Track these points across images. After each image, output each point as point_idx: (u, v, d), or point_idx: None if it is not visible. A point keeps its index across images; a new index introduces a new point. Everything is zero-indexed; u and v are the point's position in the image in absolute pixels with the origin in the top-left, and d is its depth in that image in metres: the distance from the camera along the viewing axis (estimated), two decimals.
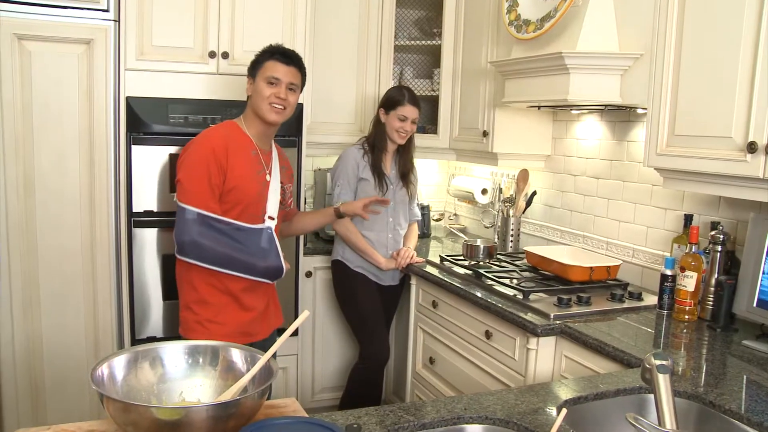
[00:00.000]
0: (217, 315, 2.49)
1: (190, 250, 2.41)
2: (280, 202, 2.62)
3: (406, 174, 3.37)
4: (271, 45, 2.59)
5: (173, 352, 1.46)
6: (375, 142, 3.29)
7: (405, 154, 3.37)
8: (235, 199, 2.44)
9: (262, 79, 2.49)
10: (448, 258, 3.25)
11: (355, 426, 1.40)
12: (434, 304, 3.12)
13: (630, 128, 2.96)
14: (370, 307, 3.33)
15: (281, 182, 2.63)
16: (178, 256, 2.46)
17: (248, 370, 1.40)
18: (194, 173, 2.38)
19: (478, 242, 3.20)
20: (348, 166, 3.28)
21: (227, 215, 2.43)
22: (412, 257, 3.30)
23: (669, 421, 1.19)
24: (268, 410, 1.45)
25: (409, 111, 3.21)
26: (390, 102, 3.24)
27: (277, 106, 2.49)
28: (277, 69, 2.50)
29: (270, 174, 2.56)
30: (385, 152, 3.31)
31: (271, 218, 2.52)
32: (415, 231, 3.55)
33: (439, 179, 4.60)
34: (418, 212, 3.58)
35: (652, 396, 1.73)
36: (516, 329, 2.48)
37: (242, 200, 2.45)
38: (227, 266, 2.44)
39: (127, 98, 3.07)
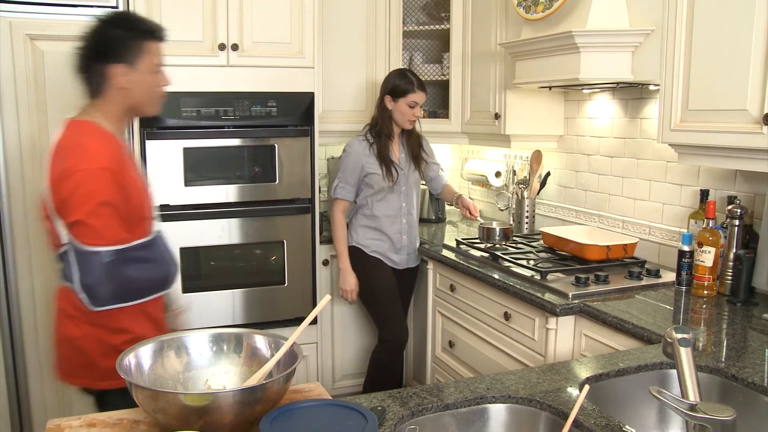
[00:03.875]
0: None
1: (116, 296, 1.89)
2: None
3: (416, 155, 3.36)
4: (117, 15, 2.10)
5: (198, 341, 1.48)
6: (381, 129, 3.26)
7: (411, 134, 3.36)
8: (139, 216, 2.00)
9: (151, 68, 1.99)
10: (464, 241, 3.26)
11: (380, 408, 1.42)
12: (452, 288, 3.13)
13: (642, 105, 2.95)
14: (387, 291, 3.33)
15: None
16: (95, 309, 1.88)
17: (272, 355, 1.42)
18: (97, 208, 1.83)
19: (494, 224, 3.19)
20: (349, 164, 3.25)
21: (134, 237, 1.93)
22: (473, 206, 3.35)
23: (692, 393, 1.20)
24: (293, 395, 1.46)
25: (419, 97, 3.20)
26: (398, 90, 3.20)
27: (164, 96, 2.08)
28: (161, 50, 2.05)
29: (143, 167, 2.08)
30: (392, 138, 3.30)
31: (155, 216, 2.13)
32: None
33: (453, 163, 4.59)
34: (444, 176, 3.58)
35: (673, 371, 1.75)
36: (535, 310, 2.49)
37: (145, 213, 2.03)
38: (153, 291, 2.01)
39: None
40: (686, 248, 2.49)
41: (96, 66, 1.96)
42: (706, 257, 2.39)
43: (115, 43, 1.95)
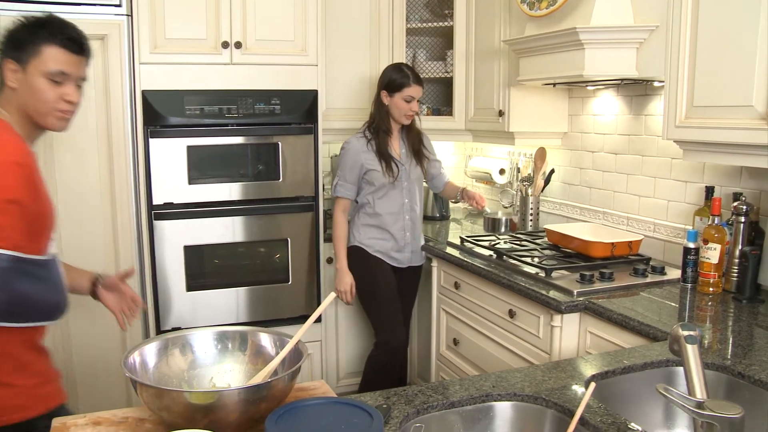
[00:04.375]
0: (41, 375, 1.78)
1: (3, 311, 1.60)
2: None
3: (417, 150, 3.29)
4: (41, 16, 1.82)
5: (202, 339, 1.48)
6: (379, 125, 3.19)
7: (411, 130, 3.29)
8: (43, 226, 1.75)
9: (42, 74, 1.72)
10: (469, 239, 3.25)
11: (385, 406, 1.42)
12: (456, 286, 3.13)
13: (647, 102, 2.94)
14: (387, 292, 3.25)
15: None
16: None
17: (277, 353, 1.41)
18: (3, 204, 1.60)
19: (500, 214, 3.20)
20: (348, 161, 3.19)
21: (33, 249, 1.67)
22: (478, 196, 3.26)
23: (699, 390, 1.19)
24: (299, 393, 1.46)
25: (415, 91, 3.14)
26: (394, 84, 3.13)
27: (66, 112, 1.77)
28: (66, 60, 1.77)
29: None
30: (390, 134, 3.24)
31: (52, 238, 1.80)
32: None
33: (456, 161, 4.59)
34: (446, 174, 3.52)
35: (679, 369, 1.74)
36: (540, 307, 2.48)
37: (49, 225, 1.77)
38: (42, 317, 1.72)
39: (143, 92, 3.09)
40: (691, 245, 2.49)
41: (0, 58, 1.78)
42: (712, 254, 2.38)
43: (14, 37, 1.76)
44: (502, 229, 3.14)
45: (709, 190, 2.57)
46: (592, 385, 1.33)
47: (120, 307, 2.07)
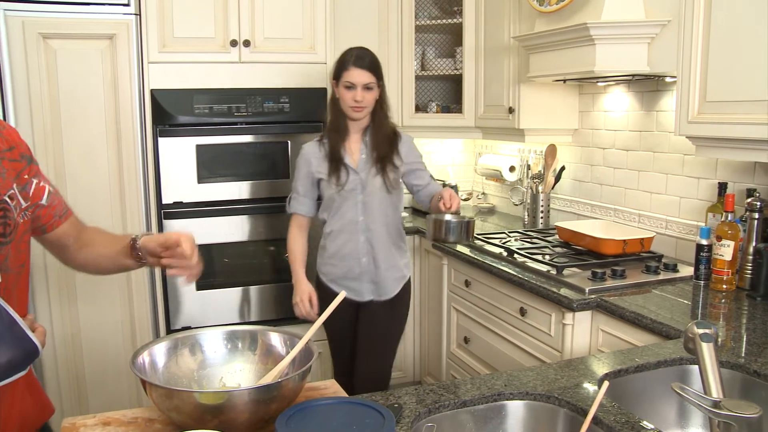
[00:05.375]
0: None
1: None
2: (2, 235, 1.34)
3: (384, 156, 2.66)
4: None
5: (212, 339, 1.47)
6: (332, 123, 2.71)
7: (379, 130, 2.69)
8: None
9: None
10: (479, 237, 3.23)
11: (396, 405, 1.40)
12: (467, 284, 3.11)
13: (659, 98, 2.91)
14: (335, 331, 2.87)
15: None
16: None
17: (287, 353, 1.40)
18: None
19: (448, 217, 2.37)
20: (300, 169, 2.74)
21: None
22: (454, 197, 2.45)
23: (715, 389, 1.17)
24: (309, 392, 1.45)
25: (355, 75, 2.57)
26: (335, 69, 2.66)
27: None
28: None
29: None
30: (347, 135, 2.70)
31: None
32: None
33: (466, 158, 4.57)
34: (437, 185, 2.81)
35: (693, 367, 1.72)
36: (551, 305, 2.46)
37: None
38: None
39: (152, 91, 3.09)
40: (704, 242, 2.46)
41: None
42: (725, 251, 2.35)
43: None
44: (451, 237, 2.37)
45: (722, 187, 2.54)
46: (606, 383, 1.32)
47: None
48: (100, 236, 1.65)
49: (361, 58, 2.58)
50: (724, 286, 2.38)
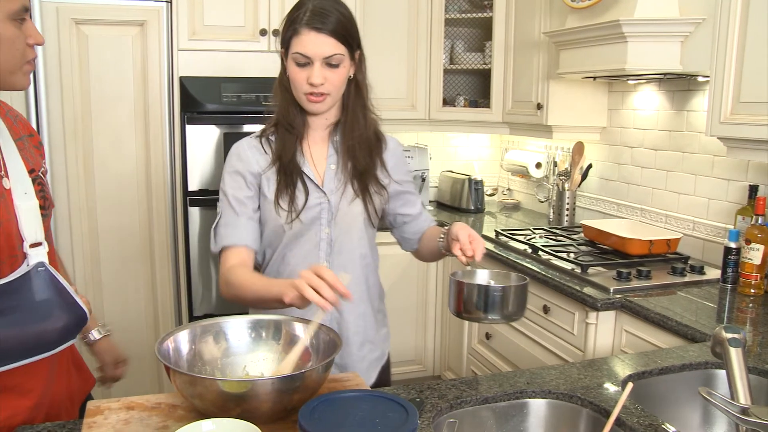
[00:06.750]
0: None
1: None
2: (43, 207, 1.41)
3: (366, 169, 1.73)
4: None
5: (236, 327, 1.47)
6: (282, 115, 1.72)
7: (350, 130, 1.73)
8: None
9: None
10: (504, 233, 3.22)
11: (418, 400, 1.40)
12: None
13: (690, 97, 2.88)
14: None
15: (34, 170, 1.42)
16: None
17: (311, 343, 1.41)
18: None
19: (482, 279, 1.62)
20: (231, 178, 1.71)
21: None
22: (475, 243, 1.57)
23: (743, 395, 1.16)
24: (332, 384, 1.45)
25: (310, 42, 1.58)
26: (283, 30, 1.65)
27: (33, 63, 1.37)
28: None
29: (4, 170, 1.35)
30: (305, 130, 1.73)
31: (38, 244, 1.35)
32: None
33: (492, 153, 4.54)
34: (429, 217, 1.92)
35: (718, 371, 1.70)
36: (575, 304, 2.45)
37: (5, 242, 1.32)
38: (17, 357, 1.30)
39: (181, 78, 3.11)
40: (733, 245, 2.43)
41: None
42: (754, 255, 2.32)
43: None
44: (493, 314, 1.53)
45: (753, 189, 2.50)
46: (630, 385, 1.30)
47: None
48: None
49: (321, 14, 1.59)
50: (752, 291, 2.34)
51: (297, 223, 1.68)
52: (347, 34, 1.63)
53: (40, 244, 1.35)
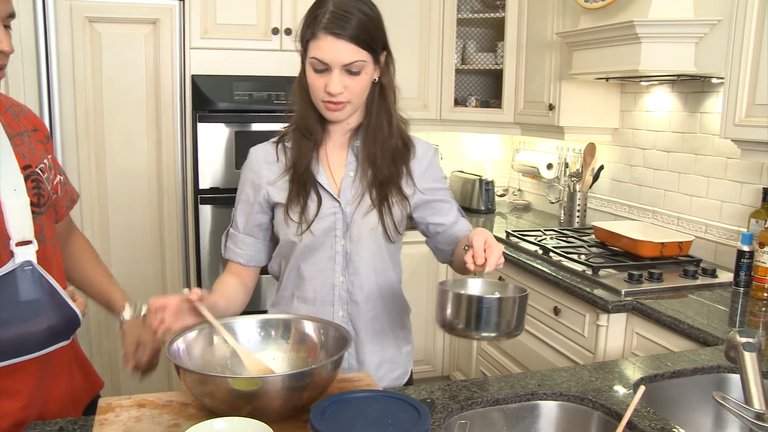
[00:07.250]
0: None
1: None
2: (36, 205, 1.39)
3: (388, 179, 1.62)
4: None
5: (246, 326, 1.47)
6: (300, 118, 1.67)
7: (372, 137, 1.63)
8: None
9: None
10: (515, 233, 3.20)
11: (429, 401, 1.40)
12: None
13: (703, 99, 2.86)
14: None
15: (30, 166, 1.40)
16: None
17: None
18: None
19: (474, 289, 1.45)
20: (243, 187, 1.72)
21: None
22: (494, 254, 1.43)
23: (757, 400, 1.15)
24: (342, 384, 1.45)
25: (328, 48, 1.48)
26: (301, 29, 1.54)
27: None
28: None
29: None
30: (321, 137, 1.66)
31: (26, 243, 1.32)
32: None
33: (503, 154, 4.53)
34: (467, 223, 1.83)
35: (731, 376, 1.69)
36: (586, 305, 2.44)
37: None
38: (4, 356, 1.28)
39: (193, 77, 3.11)
40: (746, 248, 2.41)
41: None
42: None
43: None
44: (481, 331, 1.33)
45: (767, 192, 2.48)
46: (642, 388, 1.29)
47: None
48: (88, 254, 1.72)
49: (342, 17, 1.47)
50: (765, 294, 2.32)
51: (308, 236, 1.60)
52: (369, 38, 1.54)
53: (29, 242, 1.32)
